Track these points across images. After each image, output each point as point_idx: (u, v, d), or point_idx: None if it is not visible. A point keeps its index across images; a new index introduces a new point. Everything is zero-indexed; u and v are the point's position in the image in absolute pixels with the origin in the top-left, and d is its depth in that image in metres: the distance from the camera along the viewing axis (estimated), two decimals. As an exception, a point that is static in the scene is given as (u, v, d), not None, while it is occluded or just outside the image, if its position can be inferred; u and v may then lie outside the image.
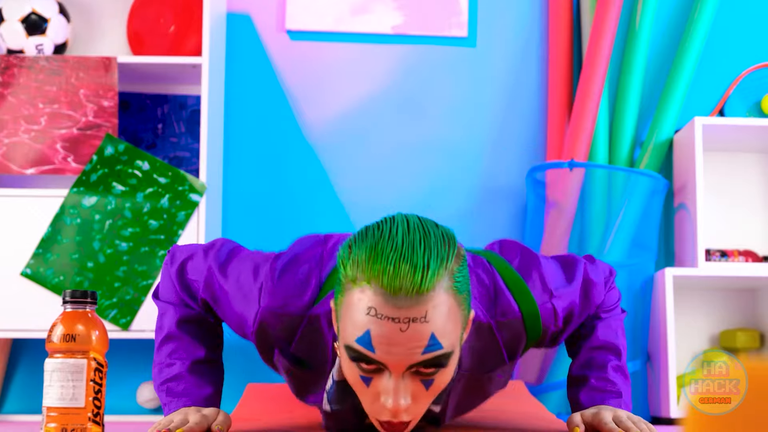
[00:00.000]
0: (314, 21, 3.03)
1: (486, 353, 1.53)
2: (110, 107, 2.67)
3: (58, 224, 2.59)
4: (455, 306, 1.31)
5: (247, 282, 1.54)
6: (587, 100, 2.85)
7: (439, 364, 1.31)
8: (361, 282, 1.28)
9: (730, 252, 2.85)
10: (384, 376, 1.31)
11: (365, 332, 1.28)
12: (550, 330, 1.58)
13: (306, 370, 1.54)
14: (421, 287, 1.25)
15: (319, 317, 1.49)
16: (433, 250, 1.28)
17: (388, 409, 1.31)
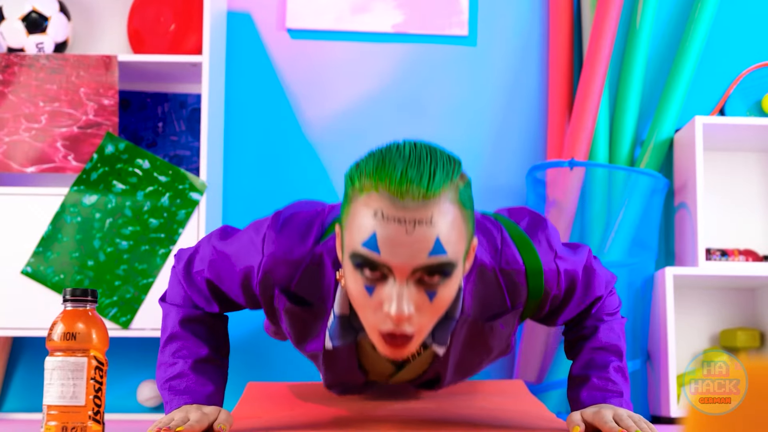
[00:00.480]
0: (314, 19, 3.03)
1: (489, 298, 1.54)
2: (111, 106, 2.67)
3: (58, 223, 2.60)
4: (460, 219, 1.34)
5: (250, 237, 1.57)
6: (587, 99, 2.85)
7: (443, 272, 1.33)
8: (368, 189, 1.32)
9: (730, 251, 2.85)
10: (388, 283, 1.33)
11: (371, 235, 1.31)
12: (552, 292, 1.58)
13: (306, 309, 1.54)
14: (427, 192, 1.29)
15: (323, 254, 1.52)
16: (440, 162, 1.33)
17: (391, 316, 1.32)
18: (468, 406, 1.99)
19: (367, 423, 1.73)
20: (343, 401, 2.03)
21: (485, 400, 2.07)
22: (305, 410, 1.94)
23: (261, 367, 2.87)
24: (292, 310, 1.55)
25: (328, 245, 1.52)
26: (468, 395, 2.12)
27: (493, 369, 2.91)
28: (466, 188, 1.37)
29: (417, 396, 2.09)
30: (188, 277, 1.66)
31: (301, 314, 1.55)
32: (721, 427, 0.71)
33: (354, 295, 1.37)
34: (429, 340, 1.51)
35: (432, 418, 1.81)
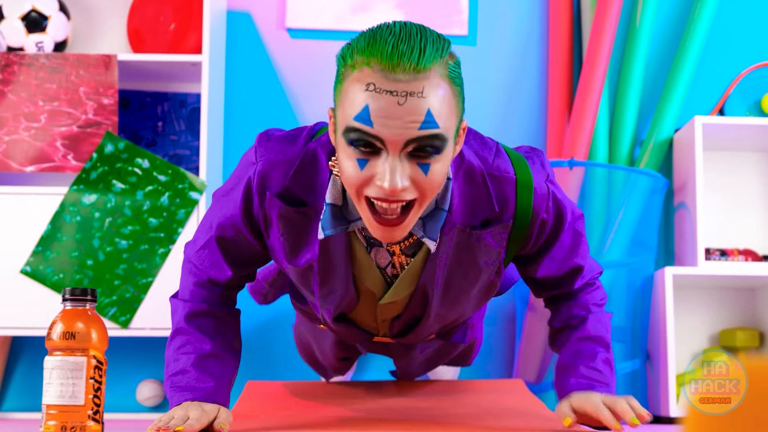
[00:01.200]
0: (314, 19, 3.02)
1: (476, 200, 1.55)
2: (110, 105, 2.67)
3: (57, 222, 2.59)
4: (450, 94, 1.37)
5: (245, 159, 1.60)
6: (587, 98, 2.85)
7: (434, 146, 1.35)
8: (360, 65, 1.35)
9: (729, 251, 2.86)
10: (381, 157, 1.36)
11: (364, 107, 1.33)
12: (540, 215, 1.58)
13: (300, 211, 1.55)
14: (418, 65, 1.33)
15: (317, 149, 1.54)
16: (429, 38, 1.36)
17: (386, 188, 1.34)
18: (468, 405, 1.99)
19: (367, 422, 1.74)
20: (342, 399, 2.03)
21: (485, 399, 2.07)
22: (304, 409, 1.94)
23: (260, 366, 2.87)
24: (286, 213, 1.56)
25: (321, 141, 1.55)
26: (467, 394, 2.12)
27: (492, 369, 2.91)
28: (455, 66, 1.40)
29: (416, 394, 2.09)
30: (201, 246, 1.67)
31: (295, 218, 1.56)
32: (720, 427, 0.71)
33: (346, 173, 1.39)
34: (420, 232, 1.52)
35: (431, 417, 1.81)
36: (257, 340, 2.88)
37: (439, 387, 2.19)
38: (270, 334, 2.89)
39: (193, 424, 1.49)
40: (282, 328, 2.87)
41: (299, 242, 1.58)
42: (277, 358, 2.88)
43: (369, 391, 2.14)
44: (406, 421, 1.75)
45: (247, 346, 2.87)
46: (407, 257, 1.59)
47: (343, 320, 1.74)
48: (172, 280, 2.57)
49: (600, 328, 1.69)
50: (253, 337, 2.87)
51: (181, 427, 1.47)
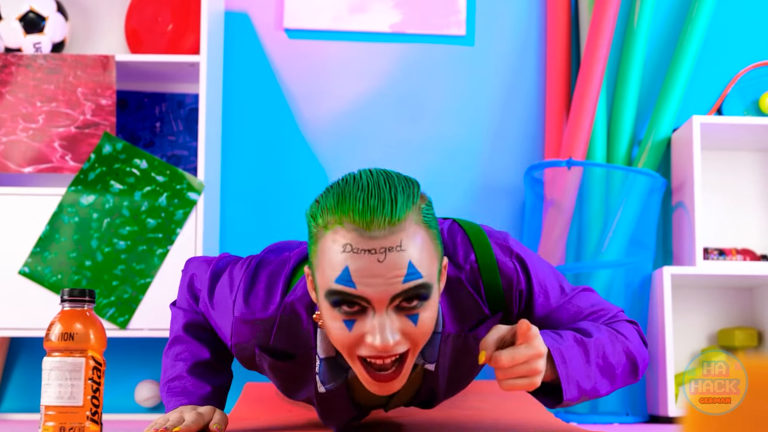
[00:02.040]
0: (312, 19, 3.02)
1: (463, 307, 1.52)
2: (108, 106, 2.67)
3: (56, 223, 2.59)
4: (428, 239, 1.34)
5: (224, 296, 1.56)
6: (585, 98, 2.85)
7: (420, 295, 1.32)
8: (333, 225, 1.31)
9: (728, 250, 2.86)
10: (368, 316, 1.32)
11: (344, 269, 1.29)
12: (514, 287, 1.52)
13: (290, 362, 1.53)
14: (392, 218, 1.29)
15: (293, 303, 1.50)
16: (398, 187, 1.32)
17: (377, 347, 1.30)
18: (468, 406, 1.99)
19: (365, 422, 1.73)
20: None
21: (485, 400, 2.07)
22: (303, 411, 1.94)
23: (259, 367, 2.87)
24: (276, 365, 1.54)
25: (297, 293, 1.50)
26: (469, 396, 2.12)
27: (491, 370, 2.91)
28: (428, 208, 1.36)
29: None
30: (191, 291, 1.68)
31: (287, 367, 1.54)
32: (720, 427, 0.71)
33: (334, 334, 1.35)
34: (419, 359, 1.49)
35: (431, 419, 1.81)
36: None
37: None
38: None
39: (189, 425, 1.49)
40: (280, 328, 2.87)
41: (295, 384, 1.57)
42: (275, 359, 2.88)
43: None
44: (405, 423, 1.75)
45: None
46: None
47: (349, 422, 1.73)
48: (170, 281, 2.57)
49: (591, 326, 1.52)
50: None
51: (177, 429, 1.47)
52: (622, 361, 1.51)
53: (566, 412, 2.69)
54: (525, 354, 1.34)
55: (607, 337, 1.50)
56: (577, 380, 1.43)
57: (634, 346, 1.53)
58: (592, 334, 1.48)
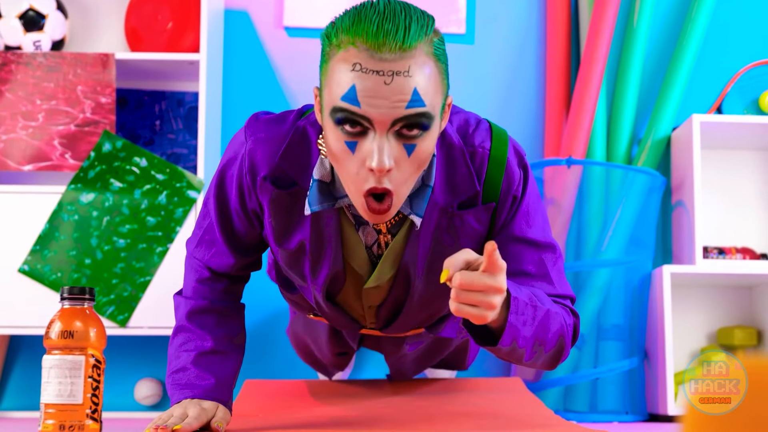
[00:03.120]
0: (312, 18, 3.02)
1: (457, 177, 1.54)
2: (108, 104, 2.67)
3: (55, 221, 2.59)
4: (436, 72, 1.38)
5: (234, 140, 1.61)
6: (585, 97, 2.85)
7: (421, 124, 1.36)
8: (345, 45, 1.35)
9: (727, 249, 2.86)
10: (368, 138, 1.36)
11: (351, 87, 1.34)
12: (511, 191, 1.56)
13: (291, 192, 1.55)
14: (404, 44, 1.33)
15: (306, 127, 1.54)
16: (413, 16, 1.36)
17: (374, 167, 1.34)
18: (466, 403, 1.99)
19: (365, 420, 1.73)
20: (340, 398, 2.03)
21: (484, 397, 2.07)
22: (303, 408, 1.94)
23: (259, 365, 2.87)
24: (277, 196, 1.56)
25: (310, 119, 1.55)
26: (466, 393, 2.12)
27: (490, 367, 2.91)
28: (440, 43, 1.40)
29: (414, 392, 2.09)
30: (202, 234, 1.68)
31: (286, 200, 1.56)
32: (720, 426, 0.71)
33: (335, 154, 1.39)
34: (407, 209, 1.51)
35: (430, 416, 1.81)
36: (255, 339, 2.87)
37: (438, 386, 2.19)
38: (268, 333, 2.89)
39: (191, 422, 1.49)
40: (280, 326, 2.87)
41: (290, 223, 1.59)
42: (275, 357, 2.88)
43: (367, 390, 2.14)
44: (404, 420, 1.75)
45: (246, 345, 2.87)
46: (392, 236, 1.59)
47: (332, 303, 1.74)
48: (170, 279, 2.57)
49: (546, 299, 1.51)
50: (252, 335, 2.87)
51: (179, 426, 1.47)
52: (553, 342, 1.51)
53: (565, 410, 2.70)
54: (485, 283, 1.31)
55: (555, 315, 1.50)
56: (516, 334, 1.43)
57: (567, 336, 1.53)
58: (545, 304, 1.48)
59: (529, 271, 1.58)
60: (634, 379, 2.74)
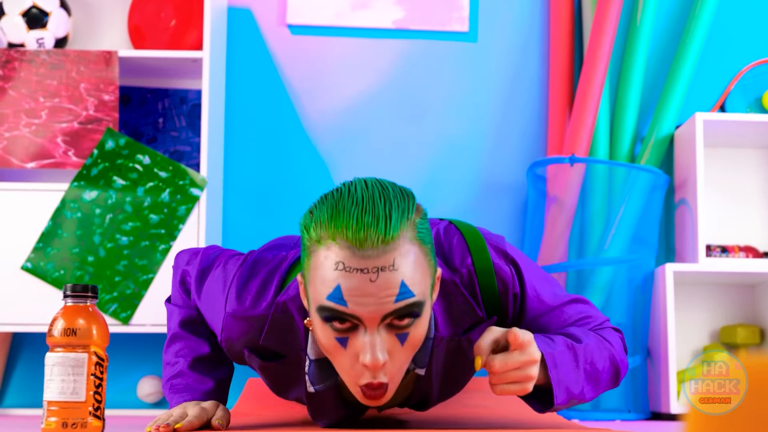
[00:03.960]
0: (315, 15, 3.02)
1: (457, 310, 1.51)
2: (111, 101, 2.67)
3: (58, 218, 2.59)
4: (421, 256, 1.32)
5: (216, 291, 1.56)
6: (588, 95, 2.85)
7: (412, 313, 1.31)
8: (326, 240, 1.30)
9: (730, 247, 2.85)
10: (359, 333, 1.31)
11: (336, 287, 1.29)
12: (509, 290, 1.52)
13: (280, 362, 1.52)
14: (385, 236, 1.27)
15: (286, 303, 1.49)
16: (393, 203, 1.30)
17: (367, 364, 1.30)
18: (469, 404, 1.99)
19: (367, 420, 1.73)
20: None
21: (486, 398, 2.07)
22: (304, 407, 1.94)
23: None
24: (266, 366, 1.53)
25: (290, 294, 1.49)
26: (470, 393, 2.12)
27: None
28: (422, 222, 1.34)
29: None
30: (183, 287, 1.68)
31: (277, 368, 1.53)
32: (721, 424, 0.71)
33: (327, 348, 1.35)
34: (410, 365, 1.48)
35: (432, 417, 1.81)
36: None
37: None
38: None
39: (192, 420, 1.49)
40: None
41: (286, 384, 1.56)
42: (277, 355, 2.88)
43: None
44: (405, 421, 1.75)
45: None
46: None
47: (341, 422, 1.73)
48: (172, 277, 2.57)
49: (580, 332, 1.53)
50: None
51: (179, 425, 1.47)
52: (606, 367, 1.52)
53: (568, 410, 2.70)
54: (518, 360, 1.35)
55: (595, 343, 1.51)
56: (567, 385, 1.45)
57: (618, 353, 1.55)
58: (581, 339, 1.49)
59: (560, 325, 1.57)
60: (636, 377, 2.74)
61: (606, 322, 1.61)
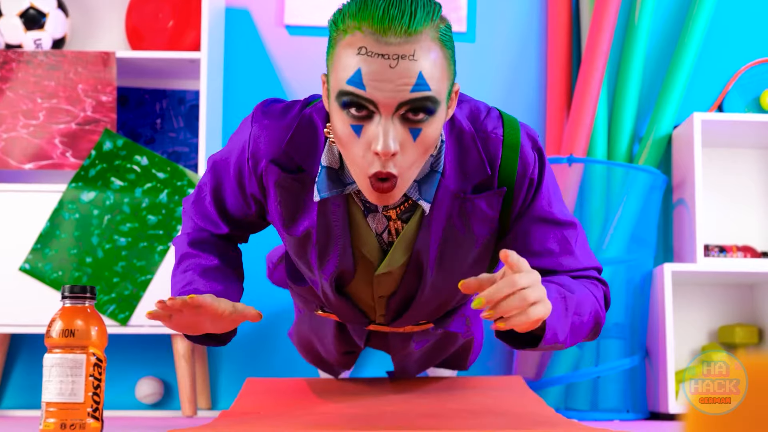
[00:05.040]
0: (313, 16, 3.02)
1: (468, 164, 1.55)
2: (109, 102, 2.67)
3: (56, 219, 2.59)
4: (442, 57, 1.39)
5: (241, 125, 1.63)
6: (586, 95, 2.85)
7: (426, 108, 1.37)
8: (352, 30, 1.37)
9: (728, 247, 2.86)
10: (374, 122, 1.37)
11: (356, 71, 1.35)
12: (528, 174, 1.56)
13: (297, 177, 1.56)
14: (409, 28, 1.34)
15: (312, 114, 1.56)
16: (419, 2, 1.38)
17: (378, 150, 1.36)
18: (467, 402, 1.99)
19: (366, 418, 1.74)
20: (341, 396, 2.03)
21: (485, 396, 2.07)
22: (304, 406, 1.94)
23: (260, 363, 2.87)
24: (283, 181, 1.57)
25: (316, 107, 1.56)
26: (467, 391, 2.12)
27: (492, 366, 2.91)
28: (447, 29, 1.41)
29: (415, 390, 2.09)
30: (197, 203, 1.71)
31: (293, 185, 1.57)
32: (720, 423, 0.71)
33: (341, 137, 1.40)
34: (415, 194, 1.52)
35: (430, 414, 1.81)
36: (257, 337, 2.87)
37: (438, 384, 2.19)
38: (269, 331, 2.89)
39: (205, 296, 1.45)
40: (281, 325, 2.87)
41: (297, 209, 1.60)
42: (275, 356, 2.88)
43: (368, 388, 2.14)
44: (405, 418, 1.75)
45: (247, 343, 2.87)
46: (403, 223, 1.60)
47: (342, 294, 1.74)
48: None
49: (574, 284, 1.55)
50: (253, 334, 2.87)
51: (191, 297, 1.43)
52: (590, 321, 1.56)
53: (566, 409, 2.70)
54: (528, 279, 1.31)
55: (585, 297, 1.55)
56: (555, 331, 1.47)
57: (601, 311, 1.59)
58: (574, 291, 1.53)
59: (554, 250, 1.61)
60: (635, 377, 2.74)
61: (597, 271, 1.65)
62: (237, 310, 1.49)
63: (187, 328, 1.50)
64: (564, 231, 1.62)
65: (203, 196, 1.70)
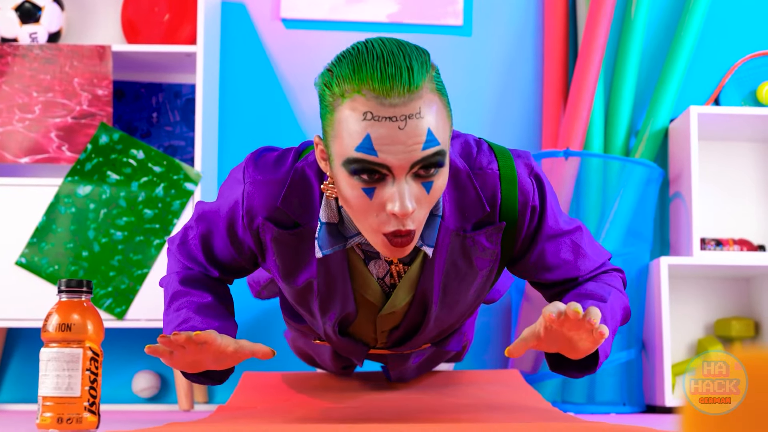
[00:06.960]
0: (309, 9, 3.02)
1: (466, 203, 1.54)
2: (105, 96, 2.66)
3: (52, 213, 2.59)
4: (442, 107, 1.38)
5: (232, 178, 1.59)
6: (583, 89, 2.85)
7: (437, 162, 1.36)
8: (350, 94, 1.33)
9: (725, 241, 2.86)
10: (387, 183, 1.35)
11: (365, 137, 1.32)
12: (529, 203, 1.56)
13: (294, 233, 1.53)
14: (410, 86, 1.32)
15: (304, 168, 1.52)
16: (412, 55, 1.36)
17: (396, 212, 1.34)
18: (465, 396, 1.99)
19: (363, 412, 1.74)
20: (338, 391, 2.03)
21: (482, 390, 2.07)
22: (300, 400, 1.94)
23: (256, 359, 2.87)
24: (280, 237, 1.54)
25: (308, 160, 1.53)
26: (464, 385, 2.12)
27: (488, 359, 2.91)
28: (438, 75, 1.40)
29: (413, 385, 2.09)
30: (183, 246, 1.67)
31: (290, 240, 1.55)
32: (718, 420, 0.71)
33: (351, 202, 1.37)
34: (419, 241, 1.51)
35: (428, 408, 1.81)
36: (253, 333, 2.87)
37: (436, 378, 2.19)
38: (266, 327, 2.89)
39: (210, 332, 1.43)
40: (278, 321, 2.87)
41: (296, 262, 1.57)
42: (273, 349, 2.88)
43: (365, 382, 2.14)
44: (402, 412, 1.75)
45: (244, 337, 2.87)
46: (404, 266, 1.59)
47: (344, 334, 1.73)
48: (167, 272, 2.57)
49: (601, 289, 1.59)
50: (249, 329, 2.87)
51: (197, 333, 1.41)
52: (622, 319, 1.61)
53: (563, 402, 2.70)
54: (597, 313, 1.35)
55: (614, 298, 1.58)
56: (605, 347, 1.52)
57: (625, 298, 1.63)
58: (605, 299, 1.55)
59: (569, 259, 1.62)
60: (631, 370, 2.74)
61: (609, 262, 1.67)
62: (242, 348, 1.47)
63: (187, 365, 1.47)
64: (572, 237, 1.63)
65: (189, 240, 1.66)
